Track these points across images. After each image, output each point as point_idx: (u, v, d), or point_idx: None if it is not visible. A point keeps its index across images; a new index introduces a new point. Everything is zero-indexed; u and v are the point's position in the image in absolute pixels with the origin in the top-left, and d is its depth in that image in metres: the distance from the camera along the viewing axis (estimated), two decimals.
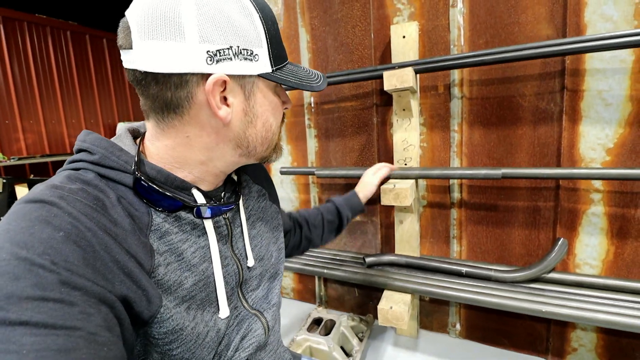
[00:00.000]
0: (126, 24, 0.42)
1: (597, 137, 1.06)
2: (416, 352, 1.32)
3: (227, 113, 0.46)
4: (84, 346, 0.31)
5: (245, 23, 0.44)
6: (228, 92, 0.46)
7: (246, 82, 0.47)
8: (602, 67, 1.02)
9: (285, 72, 0.51)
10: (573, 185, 1.11)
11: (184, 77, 0.42)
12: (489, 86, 1.18)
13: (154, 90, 0.44)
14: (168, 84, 0.43)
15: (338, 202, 1.00)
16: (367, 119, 1.41)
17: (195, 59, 0.41)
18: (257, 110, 0.49)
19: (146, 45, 0.41)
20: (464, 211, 1.30)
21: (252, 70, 0.46)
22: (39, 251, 0.32)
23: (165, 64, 0.41)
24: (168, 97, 0.44)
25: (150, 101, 0.45)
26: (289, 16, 1.50)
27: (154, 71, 0.41)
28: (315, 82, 0.55)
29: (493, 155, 1.21)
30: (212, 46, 0.42)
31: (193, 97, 0.44)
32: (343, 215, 0.98)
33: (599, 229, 1.10)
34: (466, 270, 1.17)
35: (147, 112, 0.47)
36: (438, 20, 1.21)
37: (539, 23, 1.08)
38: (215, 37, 0.42)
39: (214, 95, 0.44)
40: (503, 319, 1.29)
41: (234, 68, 0.44)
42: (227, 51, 0.43)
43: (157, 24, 0.40)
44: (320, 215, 0.95)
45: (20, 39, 4.04)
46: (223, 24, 0.42)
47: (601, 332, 1.15)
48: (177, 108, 0.44)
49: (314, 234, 0.93)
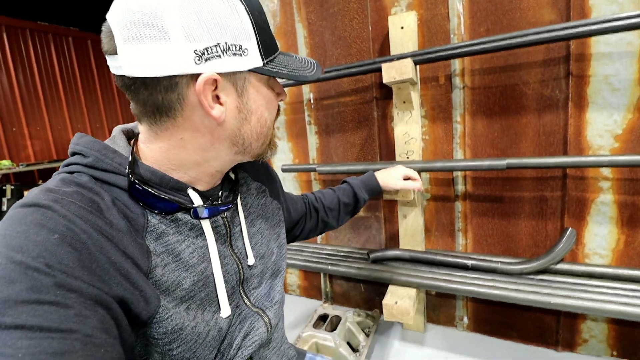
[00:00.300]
0: (108, 29, 0.41)
1: (604, 123, 1.03)
2: (423, 346, 1.31)
3: (220, 112, 0.45)
4: (80, 348, 0.31)
5: (230, 17, 0.43)
6: (220, 91, 0.44)
7: (237, 79, 0.46)
8: (609, 51, 0.99)
9: (277, 64, 0.49)
10: (581, 173, 1.08)
11: (173, 79, 0.41)
12: (491, 75, 1.15)
13: (144, 95, 0.42)
14: (158, 88, 0.42)
15: (355, 184, 0.97)
16: (367, 113, 1.40)
17: (183, 60, 0.40)
18: (250, 106, 0.48)
19: (131, 50, 0.39)
20: (469, 203, 1.28)
21: (243, 66, 0.44)
22: (33, 254, 0.32)
23: (153, 68, 0.40)
24: (159, 100, 0.42)
25: (141, 106, 0.44)
26: (285, 12, 1.48)
27: (142, 76, 0.40)
28: (309, 70, 0.53)
29: (497, 145, 1.19)
30: (199, 45, 0.40)
31: (184, 98, 0.43)
32: (360, 198, 0.95)
33: (609, 217, 1.07)
34: (472, 263, 1.16)
35: (139, 116, 0.46)
36: (437, 9, 1.18)
37: (542, 7, 1.05)
38: (201, 35, 0.40)
39: (206, 95, 0.43)
40: (511, 311, 1.27)
41: (224, 65, 0.43)
42: (215, 48, 0.41)
43: (139, 26, 0.38)
44: (336, 197, 0.94)
45: (23, 47, 4.09)
46: (208, 21, 0.41)
47: (612, 322, 1.13)
48: (169, 111, 0.43)
49: (330, 216, 0.92)
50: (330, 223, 0.93)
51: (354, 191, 0.95)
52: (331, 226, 0.95)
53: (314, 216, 0.90)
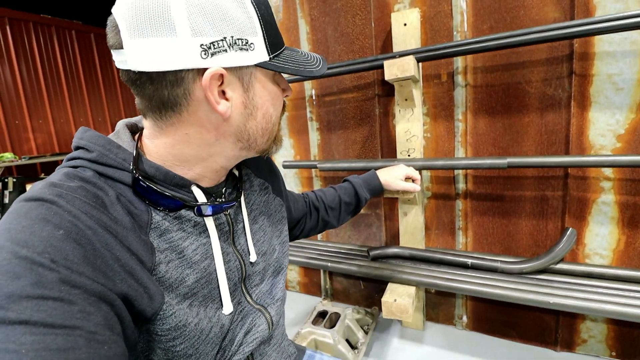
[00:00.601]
0: (114, 22, 0.40)
1: (607, 123, 1.02)
2: (422, 344, 1.32)
3: (226, 107, 0.44)
4: (83, 345, 0.31)
5: (237, 11, 0.42)
6: (226, 86, 0.44)
7: (244, 74, 0.45)
8: (612, 50, 0.98)
9: (283, 59, 0.49)
10: (582, 173, 1.08)
11: (179, 74, 0.41)
12: (493, 73, 1.14)
13: (150, 90, 0.42)
14: (164, 83, 0.41)
15: (356, 183, 0.96)
16: (369, 110, 1.39)
17: (189, 54, 0.40)
18: (256, 102, 0.48)
19: (137, 44, 0.39)
20: (470, 202, 1.27)
21: (249, 61, 0.44)
22: (39, 250, 0.32)
23: (159, 62, 0.39)
24: (165, 95, 0.42)
25: (147, 101, 0.43)
26: (288, 7, 1.47)
27: (148, 70, 0.40)
28: (314, 66, 0.53)
29: (499, 144, 1.18)
30: (205, 39, 0.40)
31: (190, 93, 0.43)
32: (361, 197, 0.95)
33: (610, 218, 1.07)
34: (472, 261, 1.15)
35: (144, 111, 0.46)
36: (440, 6, 1.17)
37: (546, 5, 1.04)
38: (208, 29, 0.40)
39: (212, 90, 0.42)
40: (510, 310, 1.27)
41: (230, 60, 0.42)
42: (221, 43, 0.41)
43: (146, 20, 0.38)
44: (337, 196, 0.93)
45: (27, 40, 4.09)
46: (214, 15, 0.40)
47: (612, 323, 1.13)
48: (175, 106, 0.43)
49: (331, 215, 0.92)
50: (331, 222, 0.93)
51: (356, 190, 0.95)
52: (332, 225, 0.94)
53: (314, 215, 0.90)
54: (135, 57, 0.39)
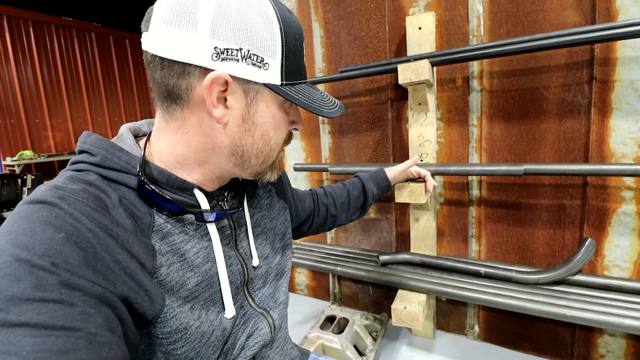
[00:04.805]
0: (152, 11, 0.44)
1: (629, 130, 0.99)
2: (432, 353, 1.29)
3: (222, 114, 0.45)
4: (84, 347, 0.31)
5: (262, 30, 0.43)
6: (229, 94, 0.44)
7: (250, 88, 0.46)
8: (635, 55, 0.95)
9: (295, 90, 0.48)
10: (602, 182, 1.04)
11: (186, 67, 0.43)
12: (510, 78, 1.12)
13: (159, 76, 0.44)
14: (171, 72, 0.43)
15: (364, 177, 0.98)
16: (381, 114, 1.38)
17: (201, 52, 0.41)
18: (257, 120, 0.48)
19: (161, 29, 0.42)
20: (484, 209, 1.25)
21: (259, 78, 0.45)
22: (39, 253, 0.32)
23: (172, 51, 0.42)
24: (170, 84, 0.44)
25: (157, 87, 0.45)
26: (302, 11, 1.48)
27: (161, 55, 0.42)
28: (328, 106, 0.52)
29: (515, 150, 1.15)
30: (221, 43, 0.41)
31: (192, 90, 0.44)
32: (368, 190, 0.95)
33: (631, 229, 1.03)
34: (485, 270, 1.13)
35: (155, 99, 0.48)
36: (456, 10, 1.16)
37: (565, 10, 1.01)
38: (227, 35, 0.42)
39: (211, 93, 0.43)
40: (524, 321, 1.23)
41: (239, 70, 0.43)
42: (236, 52, 0.42)
43: (176, 12, 0.41)
44: (346, 191, 0.94)
45: (48, 41, 4.22)
46: (238, 25, 0.42)
47: (631, 338, 1.08)
48: (177, 99, 0.45)
49: (340, 211, 0.92)
50: (340, 218, 0.93)
51: (363, 184, 0.96)
52: (341, 221, 0.95)
53: (322, 212, 0.90)
54: (155, 40, 0.42)
